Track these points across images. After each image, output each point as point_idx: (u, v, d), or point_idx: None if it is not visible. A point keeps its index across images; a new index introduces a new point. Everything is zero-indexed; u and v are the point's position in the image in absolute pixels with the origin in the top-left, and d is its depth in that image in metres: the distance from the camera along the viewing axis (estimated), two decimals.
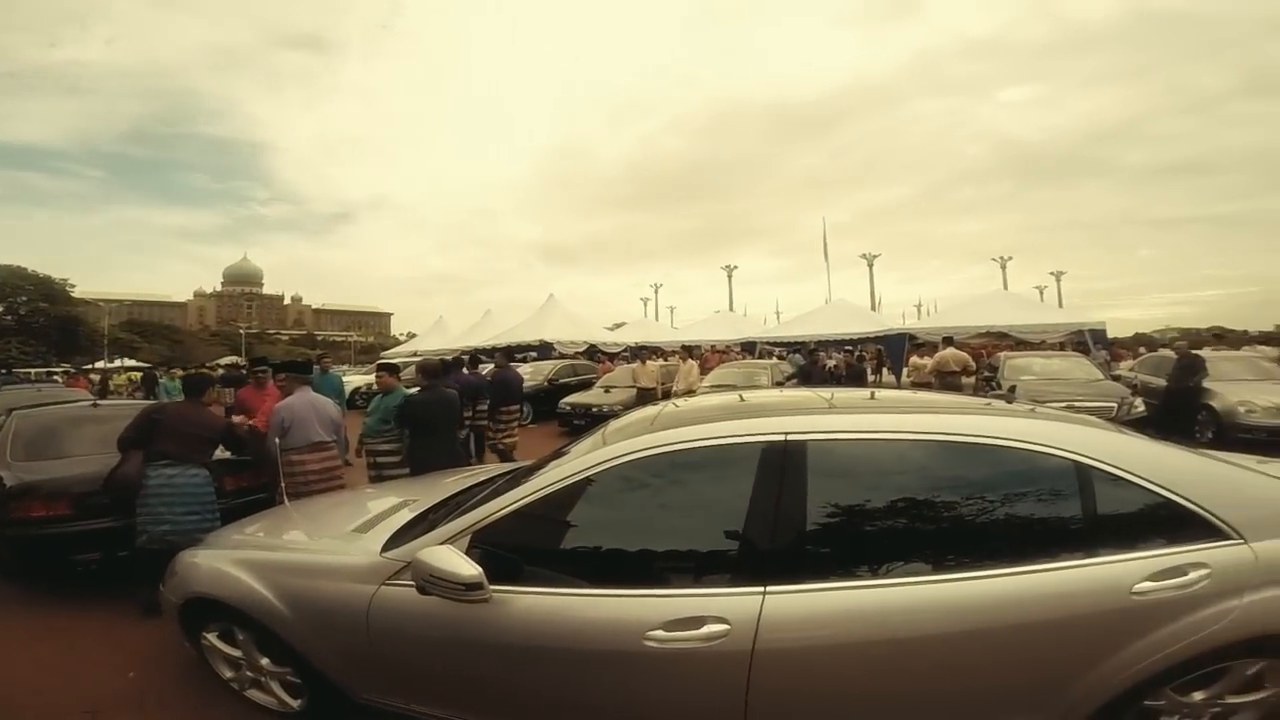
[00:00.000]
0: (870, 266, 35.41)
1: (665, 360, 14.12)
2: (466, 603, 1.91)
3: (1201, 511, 1.95)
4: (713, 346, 20.09)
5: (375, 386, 6.23)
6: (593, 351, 21.21)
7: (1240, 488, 2.07)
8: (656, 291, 47.80)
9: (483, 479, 3.13)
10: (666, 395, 10.04)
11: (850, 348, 19.02)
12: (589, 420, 9.94)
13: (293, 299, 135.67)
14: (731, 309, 37.33)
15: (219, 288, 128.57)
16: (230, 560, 2.60)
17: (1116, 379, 9.99)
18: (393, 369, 5.80)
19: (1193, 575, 1.87)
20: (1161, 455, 2.13)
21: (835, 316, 20.32)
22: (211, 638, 2.68)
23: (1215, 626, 1.86)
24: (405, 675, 2.21)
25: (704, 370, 13.71)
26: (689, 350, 15.10)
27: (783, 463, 1.99)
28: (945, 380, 9.64)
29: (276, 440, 4.49)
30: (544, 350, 20.32)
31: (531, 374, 14.62)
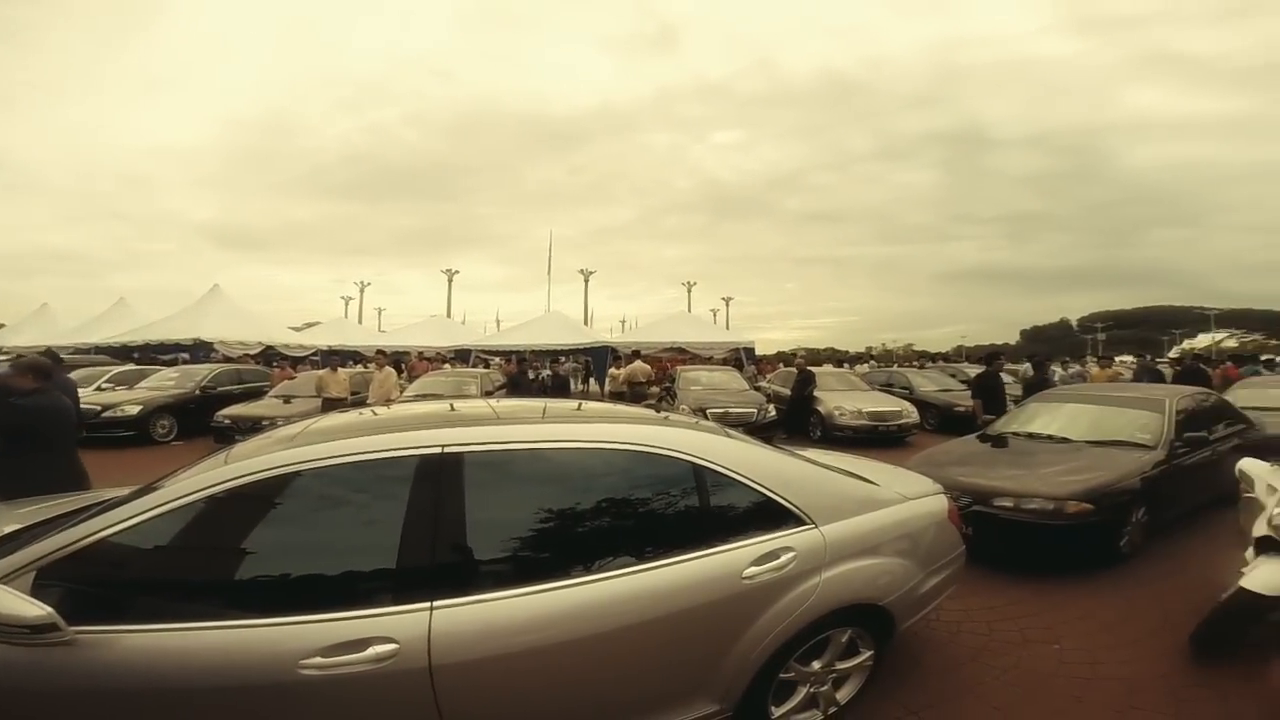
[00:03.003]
0: (586, 282, 37.76)
1: (365, 367, 12.84)
2: (41, 646, 1.59)
3: (785, 502, 2.39)
4: (420, 354, 19.02)
5: None
6: (270, 355, 18.25)
7: (810, 480, 2.60)
8: (362, 290, 43.44)
9: (76, 506, 2.46)
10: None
11: (563, 358, 19.94)
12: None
13: None
14: (450, 315, 36.05)
15: None
16: None
17: (759, 389, 12.36)
18: None
19: (785, 558, 2.26)
20: (755, 455, 2.56)
21: (551, 328, 21.15)
22: None
23: (808, 601, 2.27)
24: None
25: (411, 379, 12.87)
26: (390, 356, 13.99)
27: (439, 475, 1.96)
28: (635, 390, 10.71)
29: None
30: (200, 351, 16.79)
31: (177, 379, 11.91)
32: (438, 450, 2.00)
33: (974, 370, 12.85)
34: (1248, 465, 3.68)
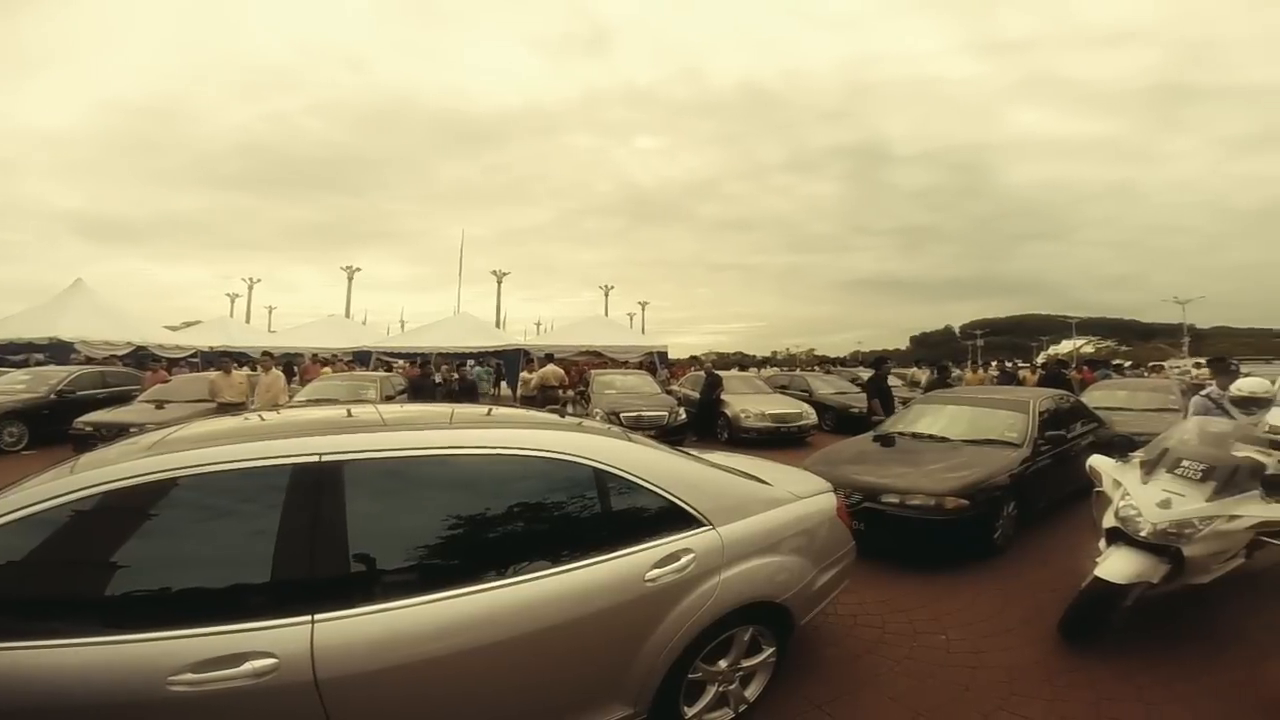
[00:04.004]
0: (499, 283, 36.90)
1: (251, 370, 11.79)
2: None
3: (683, 505, 2.41)
4: (314, 356, 17.77)
5: None
6: (142, 357, 16.46)
7: (707, 482, 2.63)
8: (251, 287, 40.28)
9: None
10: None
11: (472, 361, 19.31)
12: None
13: None
14: (349, 314, 34.02)
15: None
16: None
17: (670, 393, 12.52)
18: None
19: (685, 560, 2.29)
20: (653, 458, 2.56)
21: (460, 330, 20.42)
22: None
23: (709, 601, 2.31)
24: None
25: (304, 381, 12.10)
26: (280, 359, 12.96)
27: (318, 484, 1.88)
28: (546, 394, 10.52)
29: None
30: (59, 351, 14.90)
31: (28, 383, 10.51)
32: (314, 459, 1.91)
33: (868, 374, 13.76)
34: (1096, 461, 4.08)
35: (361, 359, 19.32)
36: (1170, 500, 3.33)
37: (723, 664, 2.49)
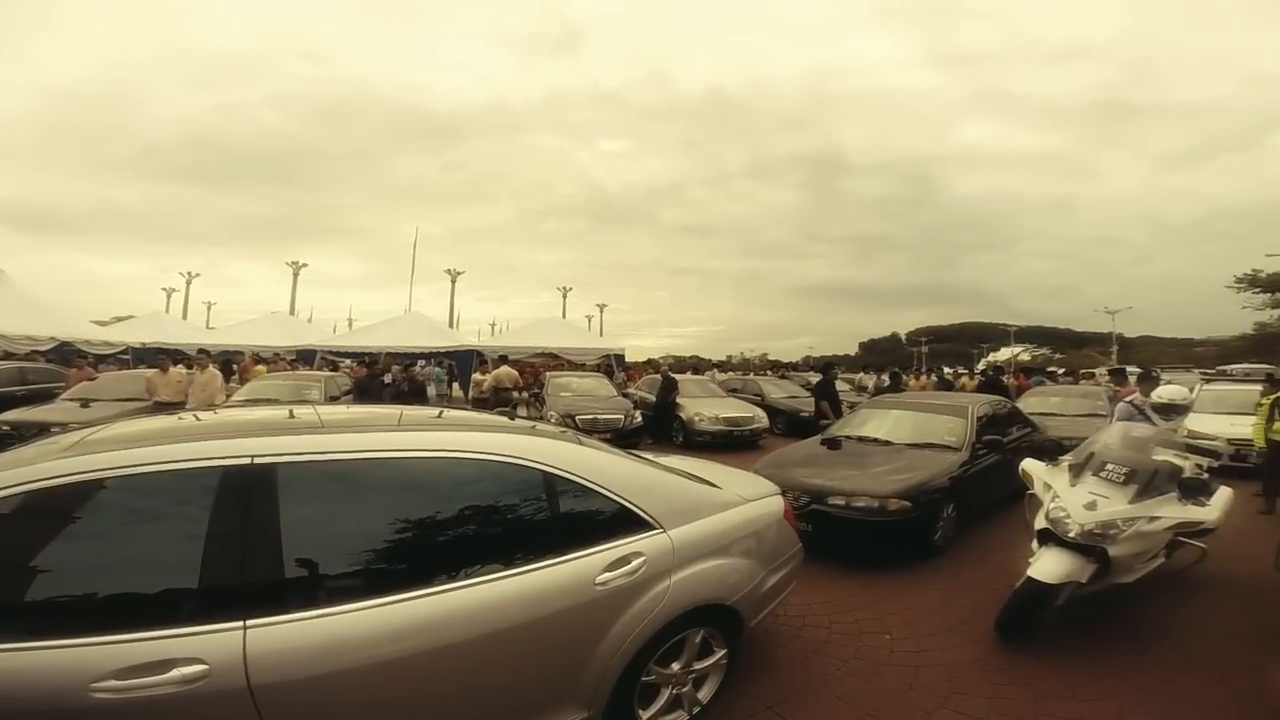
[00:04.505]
0: (454, 282, 36.10)
1: (187, 368, 11.17)
2: None
3: (634, 508, 2.41)
4: (255, 354, 17.00)
5: None
6: (68, 352, 15.42)
7: (657, 485, 2.63)
8: (189, 281, 38.33)
9: None
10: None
11: (422, 361, 18.83)
12: None
13: None
14: (294, 311, 32.70)
15: None
16: None
17: (627, 396, 12.50)
18: None
19: (635, 563, 2.29)
20: (604, 461, 2.55)
21: (411, 329, 19.86)
22: None
23: (661, 604, 2.32)
24: None
25: (243, 381, 11.61)
26: (218, 356, 12.33)
27: (249, 487, 1.83)
28: (500, 395, 10.35)
29: None
30: None
31: None
32: (246, 461, 1.86)
33: (817, 379, 14.13)
34: (1028, 465, 4.28)
35: (305, 358, 18.57)
36: (1096, 502, 3.51)
37: (676, 666, 2.50)
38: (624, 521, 2.36)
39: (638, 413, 10.63)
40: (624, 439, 8.99)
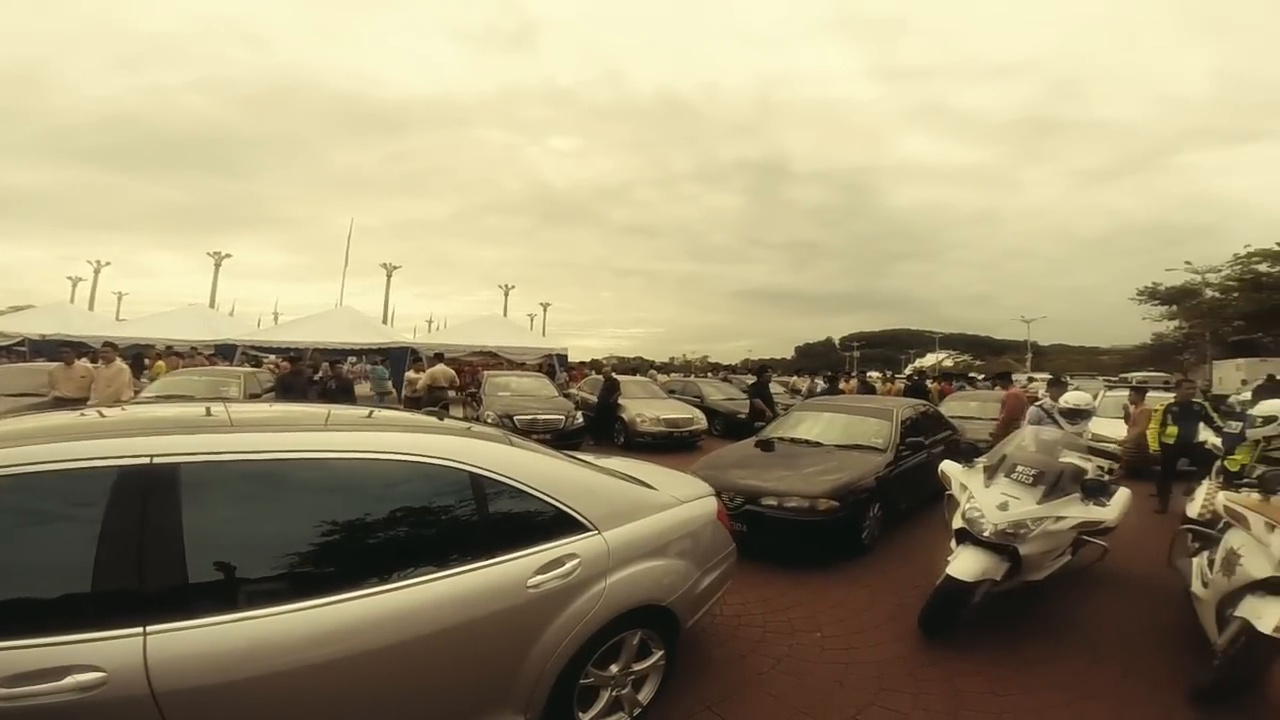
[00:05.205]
0: (389, 276, 34.79)
1: (92, 363, 10.29)
2: None
3: (567, 509, 2.38)
4: (168, 348, 15.85)
5: None
6: None
7: (591, 486, 2.62)
8: (97, 270, 35.41)
9: None
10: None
11: (352, 358, 18.05)
12: None
13: None
14: (214, 304, 30.68)
15: None
16: None
17: (569, 396, 12.40)
18: None
19: (569, 565, 2.27)
20: (535, 462, 2.52)
21: (341, 324, 18.95)
22: None
23: (596, 606, 2.30)
24: None
25: (154, 378, 10.87)
26: (127, 350, 11.42)
27: (147, 488, 1.74)
28: (434, 395, 10.06)
29: None
30: None
31: None
32: (144, 461, 1.76)
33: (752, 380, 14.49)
34: (946, 466, 4.51)
35: (225, 353, 17.42)
36: (1008, 503, 3.74)
37: (614, 668, 2.49)
38: (557, 523, 2.34)
39: (579, 413, 10.56)
40: (565, 440, 8.91)
